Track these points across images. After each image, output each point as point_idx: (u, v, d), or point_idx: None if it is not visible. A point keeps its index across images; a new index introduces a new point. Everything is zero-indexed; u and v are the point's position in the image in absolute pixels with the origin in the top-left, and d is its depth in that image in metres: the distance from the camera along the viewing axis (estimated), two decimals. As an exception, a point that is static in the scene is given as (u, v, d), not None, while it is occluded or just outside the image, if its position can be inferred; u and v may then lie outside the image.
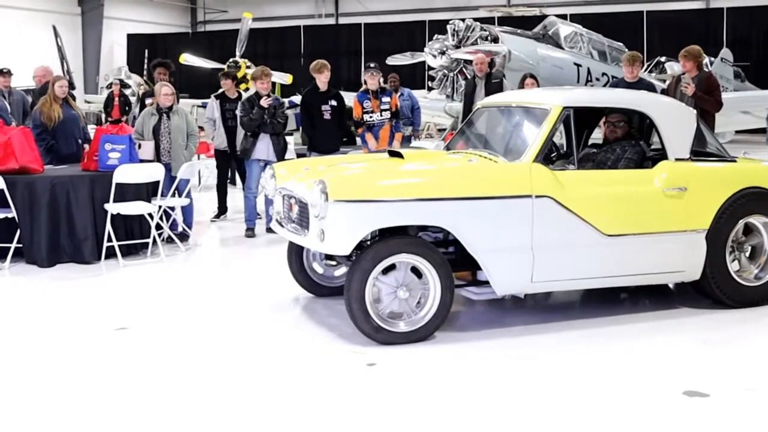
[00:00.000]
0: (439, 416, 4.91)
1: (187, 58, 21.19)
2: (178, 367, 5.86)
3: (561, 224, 6.40)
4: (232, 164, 12.43)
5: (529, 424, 4.76)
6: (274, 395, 5.21)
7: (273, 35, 34.10)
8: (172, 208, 10.07)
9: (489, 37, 17.36)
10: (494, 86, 12.02)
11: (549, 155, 6.82)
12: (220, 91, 11.93)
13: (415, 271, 6.15)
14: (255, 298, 7.60)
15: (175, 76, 12.39)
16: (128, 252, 9.17)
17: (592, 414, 4.88)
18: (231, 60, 19.59)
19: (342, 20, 38.48)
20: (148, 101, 11.30)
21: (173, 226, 10.08)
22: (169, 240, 9.83)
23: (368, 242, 6.18)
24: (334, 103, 10.80)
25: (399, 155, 7.10)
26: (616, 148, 7.28)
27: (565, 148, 7.55)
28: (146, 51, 32.73)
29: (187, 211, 10.51)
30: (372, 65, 11.30)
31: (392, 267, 6.10)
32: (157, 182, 9.27)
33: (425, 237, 6.47)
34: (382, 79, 11.71)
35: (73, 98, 11.09)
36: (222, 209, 12.16)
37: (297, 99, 18.50)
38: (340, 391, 5.28)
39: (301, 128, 17.87)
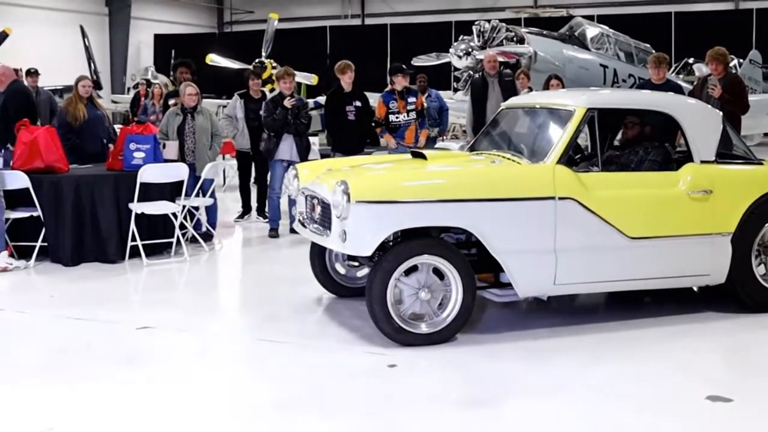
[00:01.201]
0: (459, 418, 4.90)
1: (214, 59, 21.25)
2: (201, 367, 5.89)
3: (584, 226, 6.35)
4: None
5: (550, 427, 4.72)
6: (295, 395, 5.21)
7: (299, 36, 34.07)
8: (196, 208, 10.09)
9: (515, 38, 17.31)
10: (507, 84, 11.96)
11: (573, 157, 6.76)
12: (244, 90, 11.79)
13: (437, 272, 6.12)
14: (278, 299, 7.60)
15: (197, 75, 12.35)
16: (152, 252, 9.18)
17: (614, 417, 4.85)
18: (257, 60, 19.62)
19: (368, 21, 38.50)
20: (171, 101, 11.35)
21: (197, 226, 10.11)
22: (193, 240, 9.85)
23: (390, 243, 6.16)
24: (358, 103, 10.79)
25: (422, 156, 7.08)
26: (640, 149, 7.22)
27: (589, 150, 7.48)
28: (173, 51, 32.83)
29: (211, 211, 10.51)
30: (403, 66, 11.28)
31: (414, 268, 6.08)
32: (182, 182, 9.30)
33: (447, 238, 6.44)
34: (407, 80, 11.67)
35: (99, 98, 11.16)
36: (246, 209, 12.12)
37: (322, 100, 18.52)
38: (361, 392, 5.27)
39: (325, 129, 17.93)
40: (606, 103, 7.05)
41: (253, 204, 12.08)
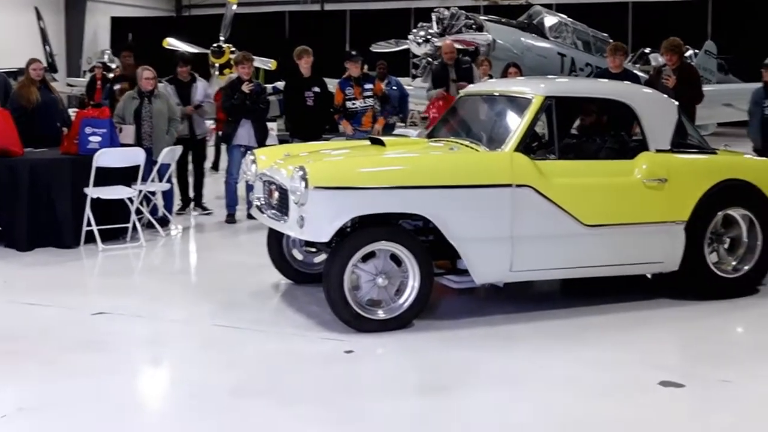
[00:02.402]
0: (416, 404, 4.93)
1: (171, 43, 21.04)
2: (157, 353, 5.87)
3: (541, 214, 6.40)
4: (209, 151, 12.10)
5: (507, 413, 4.77)
6: (252, 382, 5.22)
7: (258, 21, 33.89)
8: (153, 193, 10.00)
9: (474, 26, 17.35)
10: (464, 72, 12.00)
11: (530, 145, 6.80)
12: (171, 75, 11.31)
13: (395, 258, 6.14)
14: (235, 285, 7.57)
15: (143, 59, 12.02)
16: (108, 237, 9.08)
17: (569, 404, 4.90)
18: (215, 45, 19.47)
19: (327, 7, 38.32)
20: (116, 87, 11.21)
21: (153, 211, 10.02)
22: (149, 225, 9.77)
23: (348, 229, 6.16)
24: (317, 89, 10.77)
25: (380, 143, 7.08)
26: (596, 138, 7.29)
27: (546, 138, 7.54)
28: (130, 35, 32.51)
29: (168, 196, 10.46)
30: (353, 53, 11.27)
31: (371, 254, 6.09)
32: (138, 167, 9.22)
33: (405, 225, 6.45)
34: (366, 66, 11.64)
35: (55, 81, 11.00)
36: (185, 201, 11.45)
37: (280, 85, 18.44)
38: (319, 378, 5.28)
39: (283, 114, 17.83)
40: (564, 92, 7.11)
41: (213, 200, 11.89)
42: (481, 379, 5.35)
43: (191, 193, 11.44)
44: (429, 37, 17.19)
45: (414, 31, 17.87)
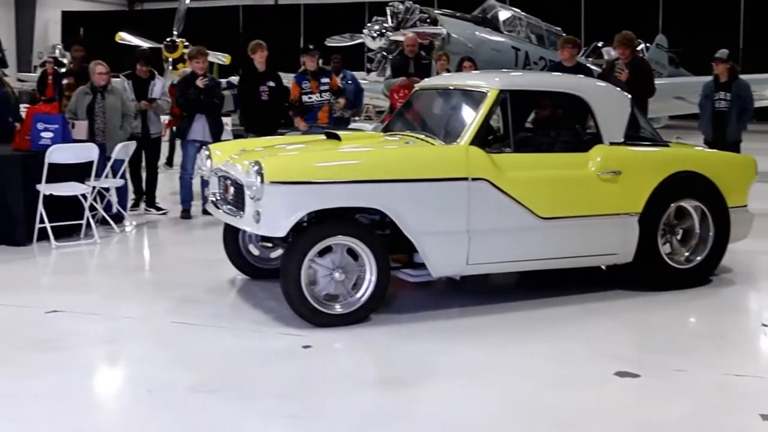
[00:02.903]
0: (375, 398, 4.94)
1: (124, 37, 20.85)
2: (114, 351, 5.81)
3: (497, 207, 6.44)
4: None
5: (464, 405, 4.78)
6: (210, 378, 5.18)
7: (211, 15, 33.66)
8: (107, 189, 9.91)
9: (428, 20, 17.35)
10: (422, 67, 12.03)
11: (486, 138, 6.83)
12: (129, 71, 11.06)
13: (352, 253, 6.14)
14: (191, 281, 7.52)
15: (95, 54, 11.82)
16: (61, 234, 8.97)
17: (527, 395, 4.93)
18: (168, 39, 19.32)
19: (281, 1, 38.16)
20: (64, 81, 11.06)
21: (107, 208, 9.93)
22: (104, 221, 9.67)
23: (304, 224, 6.15)
24: (271, 83, 10.74)
25: (336, 137, 7.07)
26: (551, 131, 7.33)
27: (501, 131, 7.57)
28: (81, 29, 32.14)
29: (122, 193, 10.36)
30: (310, 47, 11.24)
31: (328, 249, 6.08)
32: (91, 163, 9.12)
33: (361, 219, 6.45)
34: (321, 60, 11.63)
35: (6, 76, 10.83)
36: (139, 195, 11.23)
37: (234, 80, 18.33)
38: (277, 374, 5.26)
39: (238, 109, 17.74)
40: (519, 85, 7.14)
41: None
42: (438, 372, 5.36)
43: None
44: (384, 31, 17.18)
45: (369, 25, 17.84)
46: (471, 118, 6.66)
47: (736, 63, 10.94)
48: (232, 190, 6.62)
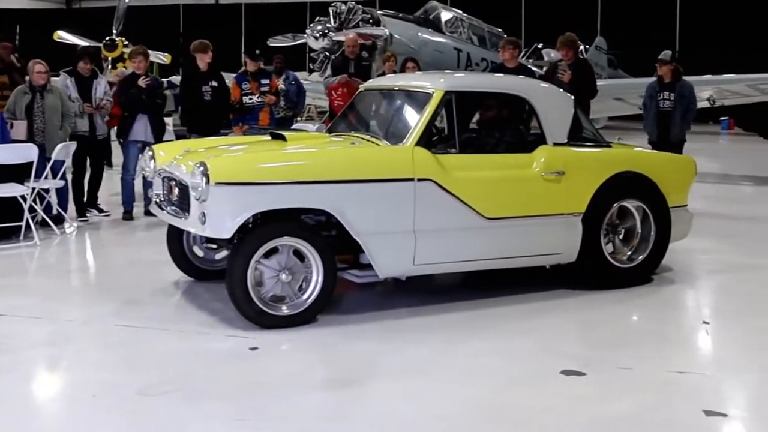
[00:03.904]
0: (323, 399, 4.93)
1: (62, 36, 20.58)
2: (57, 355, 5.72)
3: (442, 207, 6.47)
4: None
5: (414, 404, 4.80)
6: (157, 381, 5.11)
7: (151, 13, 33.33)
8: (47, 191, 9.74)
9: (371, 20, 17.40)
10: (362, 68, 12.04)
11: (431, 139, 6.86)
12: (70, 68, 10.66)
13: (298, 254, 6.12)
14: (135, 283, 7.43)
15: (32, 52, 11.59)
16: (0, 236, 8.81)
17: (475, 394, 4.96)
18: (108, 38, 19.11)
19: (222, 0, 37.92)
20: None
21: (47, 209, 9.76)
22: (44, 223, 9.53)
23: (250, 225, 6.11)
24: (214, 83, 10.66)
25: (281, 137, 7.04)
26: (496, 132, 7.38)
27: (446, 132, 7.61)
28: (17, 27, 31.58)
29: (62, 194, 10.18)
30: (257, 52, 11.18)
31: (274, 250, 6.06)
32: (31, 163, 8.96)
33: (307, 220, 6.43)
34: (259, 64, 11.55)
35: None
36: (80, 207, 10.54)
37: (175, 79, 18.16)
38: (225, 376, 5.22)
39: (179, 109, 17.57)
40: (463, 86, 7.19)
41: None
42: (387, 372, 5.38)
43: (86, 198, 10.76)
44: (326, 31, 17.18)
45: (311, 25, 17.84)
46: (416, 118, 6.68)
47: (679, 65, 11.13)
48: (176, 191, 6.56)
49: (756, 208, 12.10)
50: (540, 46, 24.21)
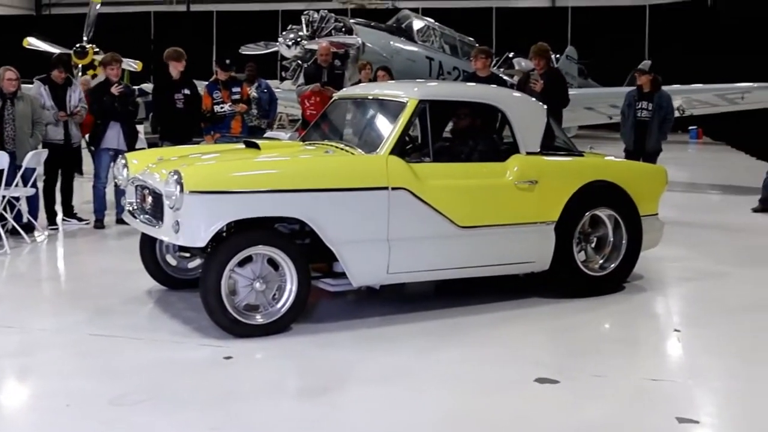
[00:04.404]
0: (298, 408, 4.93)
1: (32, 42, 20.40)
2: (29, 365, 5.67)
3: (416, 216, 6.49)
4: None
5: (387, 413, 4.80)
6: (131, 391, 5.07)
7: (122, 21, 33.18)
8: (17, 198, 9.67)
9: (343, 29, 17.43)
10: (335, 77, 12.06)
11: (405, 148, 6.88)
12: (44, 75, 10.54)
13: (272, 262, 6.11)
14: (107, 292, 7.39)
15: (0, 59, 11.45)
16: (-31, 244, 8.76)
17: (448, 401, 4.97)
18: (78, 45, 18.98)
19: (193, 7, 37.80)
20: None
21: (18, 217, 9.68)
22: (14, 232, 9.45)
23: (224, 234, 6.10)
24: (187, 91, 10.63)
25: (255, 146, 7.04)
26: (469, 141, 7.42)
27: (419, 141, 7.64)
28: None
29: (33, 202, 10.10)
30: (227, 61, 11.16)
31: (248, 259, 6.05)
32: (1, 171, 8.88)
33: (281, 228, 6.43)
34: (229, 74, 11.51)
35: None
36: (51, 220, 10.40)
37: (146, 87, 18.07)
38: (199, 385, 5.20)
39: (151, 116, 17.48)
40: (437, 95, 7.21)
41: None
42: (361, 380, 5.39)
43: (58, 206, 10.64)
44: (299, 39, 17.19)
45: (284, 33, 17.83)
46: (390, 127, 6.69)
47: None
48: (150, 199, 6.53)
49: (723, 217, 12.22)
50: (511, 55, 24.37)
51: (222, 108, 10.96)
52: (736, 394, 5.25)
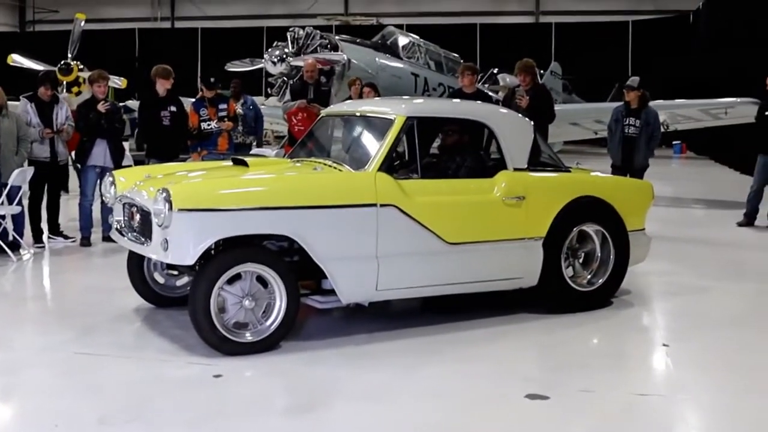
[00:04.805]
0: (287, 426, 4.91)
1: (16, 59, 20.32)
2: (16, 384, 5.63)
3: (405, 233, 6.49)
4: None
5: (376, 430, 4.80)
6: (119, 410, 5.05)
7: (106, 37, 33.16)
8: (3, 216, 9.62)
9: (329, 45, 17.46)
10: (321, 93, 12.08)
11: (393, 164, 6.89)
12: (30, 93, 10.52)
13: (261, 280, 6.11)
14: (94, 310, 7.35)
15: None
16: (-45, 262, 8.72)
17: (438, 419, 4.97)
18: (63, 62, 18.92)
19: (178, 24, 37.87)
20: None
21: (3, 235, 9.64)
22: (0, 250, 9.40)
23: (213, 251, 6.09)
24: (173, 108, 10.62)
25: (243, 163, 7.04)
26: (457, 157, 7.44)
27: (407, 157, 7.66)
28: (-30, 51, 31.22)
29: (18, 220, 10.04)
30: (212, 80, 11.17)
31: (237, 276, 6.04)
32: (-14, 189, 8.87)
33: (270, 246, 6.42)
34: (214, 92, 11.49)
35: None
36: (37, 238, 10.38)
37: (132, 104, 18.06)
38: (188, 404, 5.18)
39: (135, 134, 17.45)
40: (425, 112, 7.22)
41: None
42: (349, 397, 5.36)
43: (44, 224, 10.57)
44: (284, 56, 17.20)
45: (269, 50, 17.84)
46: (378, 144, 6.71)
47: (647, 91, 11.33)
48: (138, 217, 6.52)
49: (709, 231, 12.30)
50: (495, 71, 24.47)
51: (209, 125, 10.97)
52: (724, 408, 5.26)
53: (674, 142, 28.62)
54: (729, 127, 18.01)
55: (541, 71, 23.95)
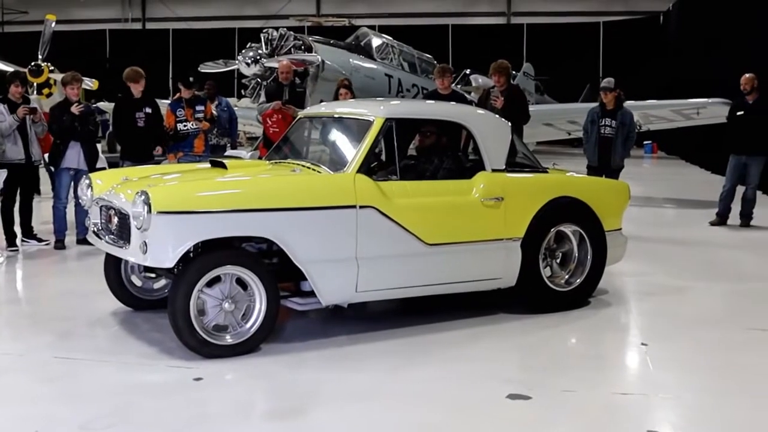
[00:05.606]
0: (268, 428, 4.91)
1: (-15, 61, 20.20)
2: (-9, 389, 5.58)
3: (385, 234, 6.49)
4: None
5: (360, 434, 4.80)
6: (99, 415, 5.01)
7: (77, 39, 32.92)
8: (-25, 220, 9.53)
9: (303, 47, 17.42)
10: (296, 95, 12.04)
11: (372, 166, 6.88)
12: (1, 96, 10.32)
13: (241, 282, 6.08)
14: (70, 314, 7.29)
15: None
16: (-74, 267, 8.62)
17: (421, 421, 4.97)
18: (33, 63, 18.77)
19: (149, 25, 37.67)
20: None
21: (-24, 239, 9.55)
22: (-28, 254, 9.32)
23: (192, 254, 6.05)
24: (148, 110, 10.56)
25: (222, 165, 7.01)
26: (435, 158, 7.45)
27: (386, 159, 7.66)
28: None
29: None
30: (191, 79, 11.12)
31: (217, 279, 6.01)
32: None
33: (249, 248, 6.40)
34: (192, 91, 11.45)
35: None
36: (10, 238, 10.23)
37: (103, 105, 17.94)
38: (168, 407, 5.15)
39: (107, 135, 17.34)
40: (403, 114, 7.21)
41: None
42: (331, 399, 5.35)
43: (17, 227, 10.41)
44: (258, 57, 17.15)
45: (243, 51, 17.79)
46: (357, 146, 6.70)
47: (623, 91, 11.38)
48: (116, 220, 6.47)
49: (682, 231, 12.39)
50: (468, 72, 24.51)
51: (185, 126, 10.92)
52: (706, 406, 5.30)
53: (645, 142, 28.82)
54: (699, 127, 18.18)
55: (514, 72, 24.06)
